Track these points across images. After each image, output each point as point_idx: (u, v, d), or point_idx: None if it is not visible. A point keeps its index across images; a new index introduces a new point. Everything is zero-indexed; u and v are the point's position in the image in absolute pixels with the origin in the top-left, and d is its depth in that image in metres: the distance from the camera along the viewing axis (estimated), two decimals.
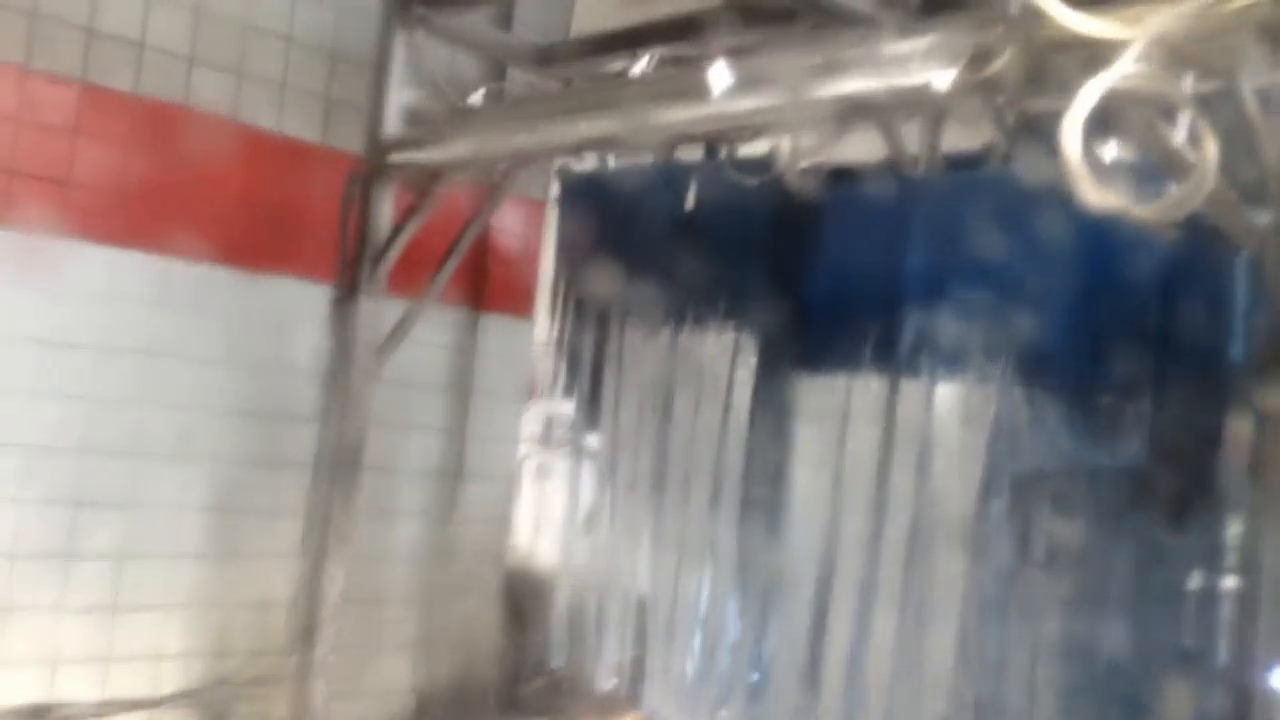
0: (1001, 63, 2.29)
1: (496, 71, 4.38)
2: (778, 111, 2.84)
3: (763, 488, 3.65)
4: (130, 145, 4.04)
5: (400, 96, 3.99)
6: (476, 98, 4.04)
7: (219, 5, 4.22)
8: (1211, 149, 2.20)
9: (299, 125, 4.42)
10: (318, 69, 4.46)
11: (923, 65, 2.44)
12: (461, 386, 4.90)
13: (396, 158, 3.97)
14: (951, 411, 3.17)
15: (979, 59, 2.33)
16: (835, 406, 3.42)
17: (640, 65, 3.51)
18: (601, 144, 3.68)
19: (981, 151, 3.25)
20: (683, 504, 3.83)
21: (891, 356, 3.29)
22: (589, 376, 4.14)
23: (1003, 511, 3.02)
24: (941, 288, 3.21)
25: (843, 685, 3.32)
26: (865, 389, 3.37)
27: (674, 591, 3.84)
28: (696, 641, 3.81)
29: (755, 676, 3.63)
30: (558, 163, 4.26)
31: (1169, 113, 2.23)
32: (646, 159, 3.99)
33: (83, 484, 3.97)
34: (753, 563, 3.67)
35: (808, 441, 3.52)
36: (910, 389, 3.26)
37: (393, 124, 4.02)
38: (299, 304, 4.36)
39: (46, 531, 3.91)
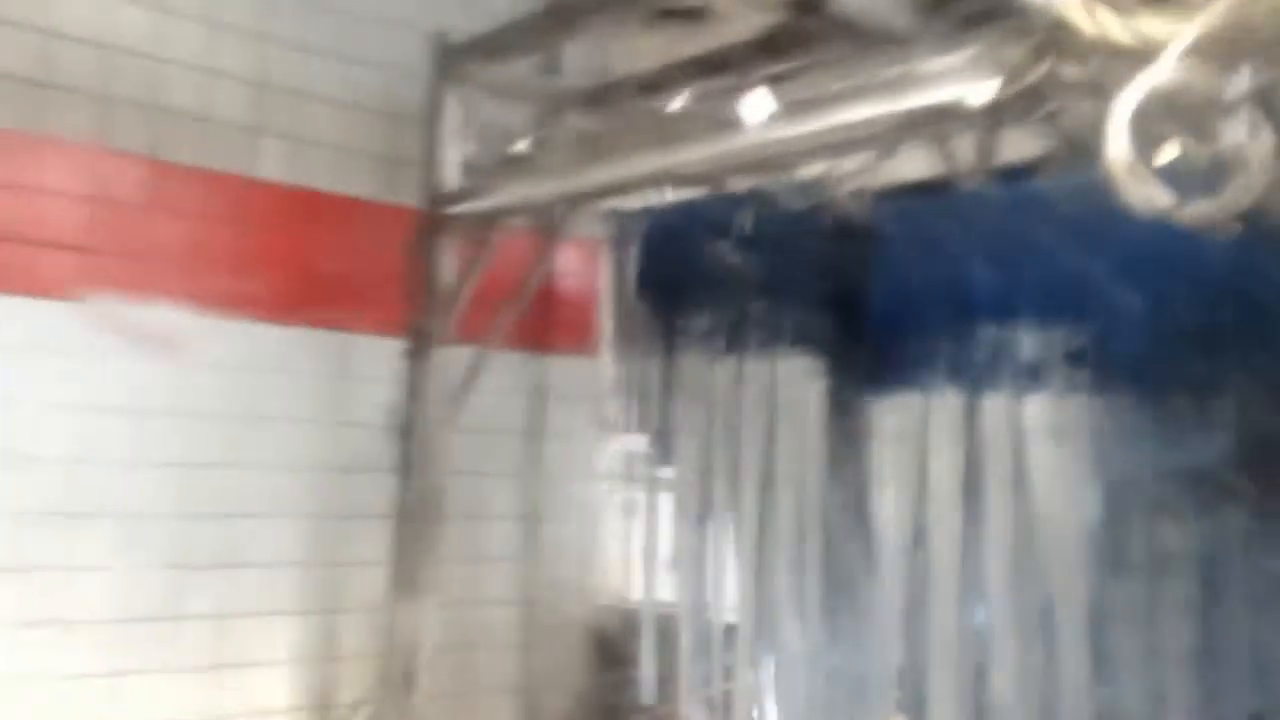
0: (1038, 73, 2.23)
1: (545, 117, 4.43)
2: (820, 136, 2.81)
3: (844, 509, 3.58)
4: (203, 215, 4.20)
5: (455, 149, 4.06)
6: (527, 145, 4.09)
7: (279, 77, 4.37)
8: (1267, 141, 2.10)
9: (361, 185, 4.55)
10: (375, 129, 4.58)
11: (959, 81, 2.39)
12: (535, 428, 4.94)
13: (455, 209, 4.04)
14: (1039, 424, 3.07)
15: (1016, 71, 2.28)
16: (913, 426, 3.35)
17: (683, 100, 3.51)
18: (651, 180, 3.68)
19: (1038, 160, 3.17)
20: (763, 532, 3.77)
21: (967, 371, 3.21)
22: (659, 410, 4.11)
23: (1107, 521, 2.92)
24: (1011, 299, 3.12)
25: (955, 710, 3.22)
26: (943, 406, 3.28)
27: (761, 621, 3.79)
28: (787, 671, 3.74)
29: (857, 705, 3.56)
30: (613, 201, 4.28)
31: (1227, 110, 2.14)
32: (699, 192, 3.98)
33: (181, 547, 4.11)
34: (842, 588, 3.60)
35: (886, 461, 3.45)
36: (992, 403, 3.17)
37: (450, 176, 4.09)
38: (371, 358, 4.46)
39: (151, 595, 4.05)
